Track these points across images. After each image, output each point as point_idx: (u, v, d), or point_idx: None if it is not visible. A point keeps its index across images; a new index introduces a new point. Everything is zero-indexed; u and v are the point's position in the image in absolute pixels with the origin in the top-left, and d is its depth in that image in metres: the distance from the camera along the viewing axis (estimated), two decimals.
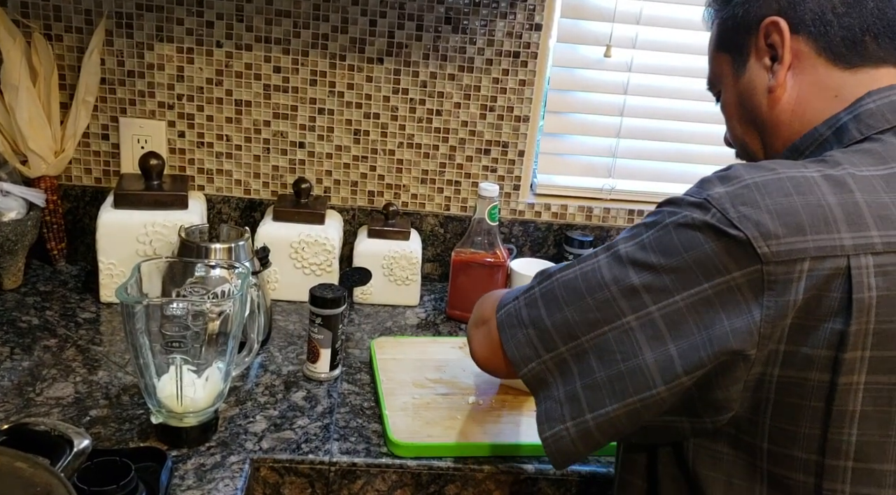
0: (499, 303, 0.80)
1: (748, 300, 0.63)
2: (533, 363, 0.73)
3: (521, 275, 1.27)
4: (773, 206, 0.63)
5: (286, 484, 0.91)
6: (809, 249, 0.62)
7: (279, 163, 1.36)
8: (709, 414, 0.67)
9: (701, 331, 0.64)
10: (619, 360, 0.67)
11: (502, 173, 1.39)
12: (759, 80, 0.77)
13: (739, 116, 0.81)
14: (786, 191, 0.64)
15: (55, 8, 1.25)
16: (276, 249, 1.22)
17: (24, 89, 1.17)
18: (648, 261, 0.67)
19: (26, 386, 0.98)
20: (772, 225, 0.63)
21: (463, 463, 0.92)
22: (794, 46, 0.74)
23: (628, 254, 0.69)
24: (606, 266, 0.70)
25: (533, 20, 1.31)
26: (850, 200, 0.64)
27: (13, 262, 1.22)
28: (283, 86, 1.32)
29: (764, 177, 0.66)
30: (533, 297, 0.75)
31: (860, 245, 0.62)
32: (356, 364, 1.12)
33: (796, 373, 0.64)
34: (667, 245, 0.66)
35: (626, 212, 1.43)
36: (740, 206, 0.64)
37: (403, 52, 1.31)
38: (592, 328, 0.69)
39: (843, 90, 0.73)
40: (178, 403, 0.87)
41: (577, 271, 0.72)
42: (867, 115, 0.70)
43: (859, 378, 0.63)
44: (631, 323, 0.67)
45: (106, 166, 1.34)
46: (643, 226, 0.70)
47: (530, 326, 0.73)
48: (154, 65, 1.29)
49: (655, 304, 0.66)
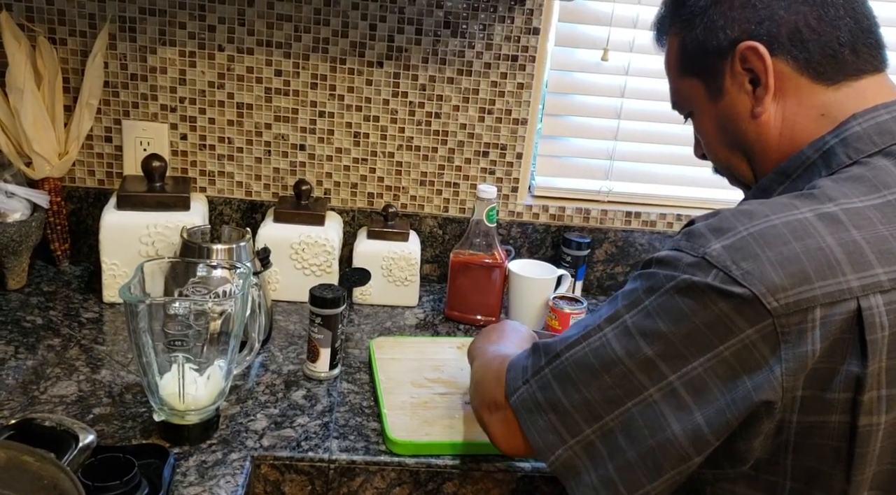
0: (506, 385, 0.76)
1: (766, 356, 0.61)
2: (559, 450, 0.70)
3: (519, 276, 1.28)
4: (775, 258, 0.61)
5: (286, 481, 0.92)
6: (818, 296, 0.60)
7: (280, 166, 1.38)
8: (731, 464, 0.66)
9: (725, 395, 0.62)
10: (647, 435, 0.65)
11: (500, 175, 1.41)
12: (740, 106, 0.75)
13: (722, 141, 0.79)
14: (784, 239, 0.62)
15: (59, 12, 1.27)
16: (276, 250, 1.23)
17: (28, 92, 1.18)
18: (658, 329, 0.65)
19: (31, 385, 0.99)
20: (777, 277, 0.61)
21: (461, 462, 0.93)
22: (775, 68, 0.72)
23: (636, 325, 0.66)
24: (615, 339, 0.67)
25: (531, 24, 1.33)
26: (849, 239, 0.62)
27: (17, 263, 1.23)
28: (284, 89, 1.34)
29: (759, 226, 0.64)
30: (546, 379, 0.71)
31: (867, 285, 0.61)
32: (355, 363, 1.14)
33: (816, 418, 0.63)
34: (673, 311, 0.64)
35: (623, 213, 1.44)
36: (742, 262, 0.62)
37: (403, 56, 1.33)
38: (615, 405, 0.67)
39: (828, 109, 0.72)
40: (181, 401, 0.88)
41: (585, 348, 0.69)
42: (854, 138, 0.69)
43: (879, 419, 0.62)
44: (654, 395, 0.65)
45: (109, 168, 1.36)
46: (642, 292, 0.67)
47: (550, 411, 0.70)
48: (157, 68, 1.31)
49: (675, 373, 0.64)
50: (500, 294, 1.29)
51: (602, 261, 1.46)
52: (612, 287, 1.47)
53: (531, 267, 1.32)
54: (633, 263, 1.46)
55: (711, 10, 0.75)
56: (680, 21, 0.79)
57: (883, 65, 0.74)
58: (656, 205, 1.46)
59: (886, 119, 0.70)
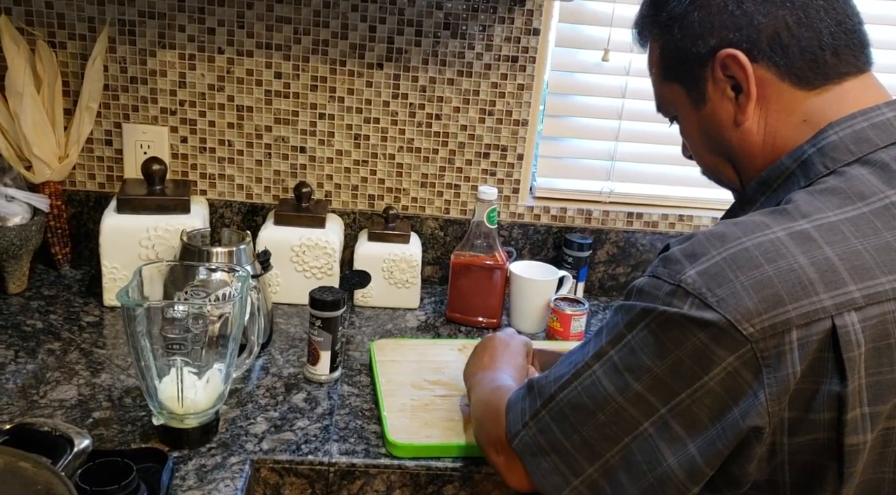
0: (507, 428, 0.77)
1: (749, 382, 0.62)
2: (565, 490, 0.71)
3: (520, 277, 1.27)
4: (749, 282, 0.62)
5: (286, 484, 0.92)
6: (793, 319, 0.61)
7: (280, 168, 1.38)
8: (728, 488, 0.67)
9: (715, 424, 0.63)
10: (646, 470, 0.66)
11: (501, 176, 1.40)
12: (723, 113, 0.74)
13: (707, 147, 0.79)
14: (756, 263, 0.62)
15: (59, 16, 1.27)
16: (277, 253, 1.23)
17: (28, 96, 1.18)
18: (643, 364, 0.66)
19: (30, 389, 0.99)
20: (750, 303, 0.61)
21: (461, 464, 0.93)
22: (756, 75, 0.71)
23: (622, 361, 0.67)
24: (605, 377, 0.68)
25: (531, 25, 1.32)
26: (821, 257, 0.62)
27: (18, 267, 1.23)
28: (283, 91, 1.33)
29: (731, 250, 0.64)
30: (544, 422, 0.73)
31: (840, 303, 0.61)
32: (356, 366, 1.13)
33: (804, 437, 0.63)
34: (655, 345, 0.65)
35: (624, 214, 1.44)
36: (716, 289, 0.62)
37: (403, 58, 1.33)
38: (614, 442, 0.68)
39: (810, 115, 0.71)
40: (180, 405, 0.88)
41: (577, 388, 0.70)
42: (831, 148, 0.68)
43: (865, 436, 0.62)
44: (648, 429, 0.66)
45: (109, 171, 1.36)
46: (624, 326, 0.68)
47: (552, 453, 0.72)
48: (156, 71, 1.31)
49: (665, 406, 0.65)
50: (501, 295, 1.29)
51: (604, 262, 1.45)
52: (614, 288, 1.46)
53: (532, 268, 1.31)
54: (634, 264, 1.45)
55: (689, 16, 0.74)
56: (659, 26, 0.78)
57: (867, 65, 0.73)
58: (658, 206, 1.45)
59: (864, 126, 0.69)
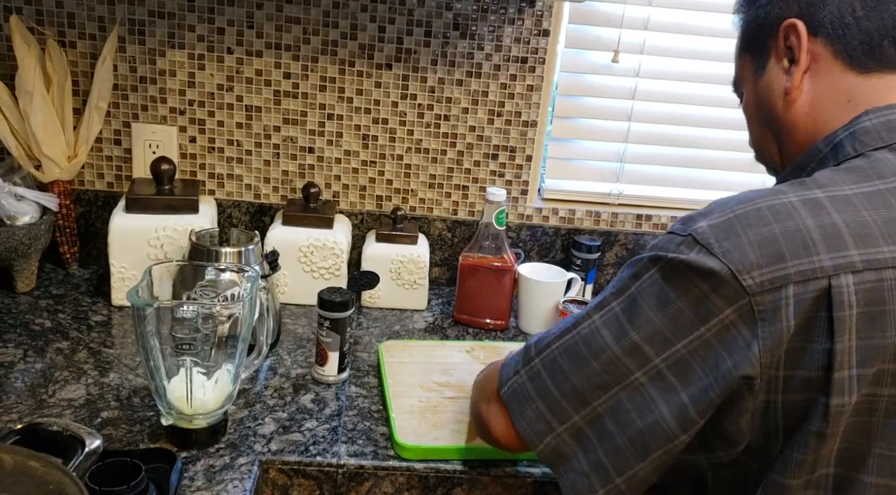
0: (499, 379, 0.78)
1: (744, 334, 0.63)
2: (548, 437, 0.72)
3: (528, 279, 1.27)
4: (755, 237, 0.64)
5: (294, 485, 0.92)
6: (791, 275, 0.62)
7: (289, 168, 1.38)
8: (723, 447, 0.68)
9: (708, 374, 0.65)
10: (635, 418, 0.67)
11: (510, 178, 1.40)
12: (776, 82, 0.77)
13: (758, 118, 0.81)
14: (765, 221, 0.65)
15: (69, 15, 1.27)
16: (285, 253, 1.23)
17: (38, 95, 1.18)
18: (644, 315, 0.67)
19: (39, 388, 0.99)
20: (754, 256, 0.63)
21: (470, 467, 0.93)
22: (811, 49, 0.74)
23: (623, 311, 0.69)
24: (604, 326, 0.69)
25: (541, 26, 1.32)
26: (828, 222, 0.64)
27: (26, 266, 1.23)
28: (292, 91, 1.33)
29: (744, 208, 0.66)
30: (535, 370, 0.74)
31: (839, 265, 0.63)
32: (364, 367, 1.13)
33: (796, 396, 0.64)
34: (657, 295, 0.67)
35: (633, 216, 1.43)
36: (724, 241, 0.64)
37: (412, 58, 1.32)
38: (603, 391, 0.69)
39: (856, 95, 0.72)
40: (188, 405, 0.88)
41: (575, 336, 0.71)
42: (862, 132, 0.70)
43: (850, 398, 0.63)
44: (640, 378, 0.67)
45: (118, 171, 1.36)
46: (628, 278, 0.69)
47: (538, 399, 0.72)
48: (166, 71, 1.31)
49: (659, 356, 0.66)
50: (509, 297, 1.29)
51: (612, 264, 1.45)
52: None
53: (541, 270, 1.31)
54: None
55: None
56: (747, 2, 0.82)
57: None
58: (667, 208, 1.45)
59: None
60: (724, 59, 1.38)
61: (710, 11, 1.36)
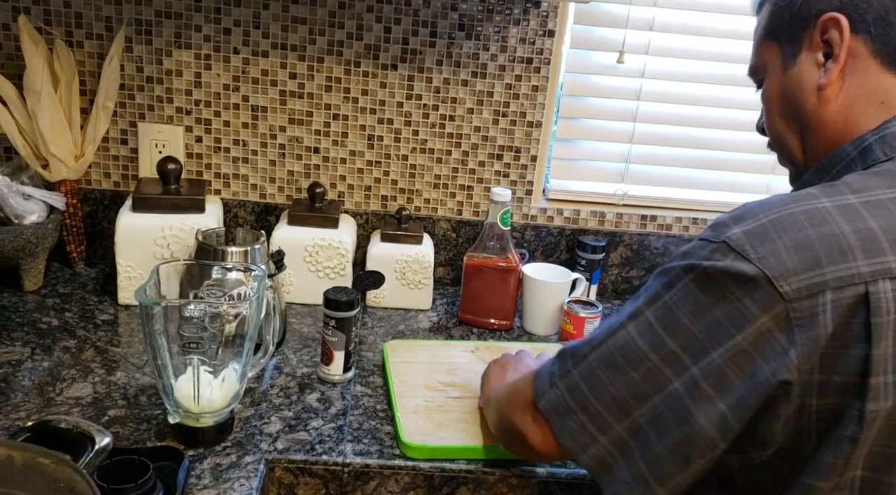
0: (535, 391, 0.77)
1: (781, 342, 0.63)
2: (591, 448, 0.72)
3: (533, 279, 1.27)
4: (791, 243, 0.63)
5: (300, 484, 0.92)
6: (828, 281, 0.62)
7: (294, 168, 1.38)
8: (754, 449, 0.67)
9: (745, 383, 0.64)
10: (674, 428, 0.67)
11: (515, 178, 1.40)
12: (808, 76, 0.75)
13: (781, 110, 0.79)
14: (800, 226, 0.64)
15: (76, 15, 1.28)
16: (290, 253, 1.23)
17: (45, 95, 1.19)
18: (680, 322, 0.67)
19: (46, 386, 1.00)
20: (790, 262, 0.63)
21: (475, 466, 0.93)
22: (851, 45, 0.72)
23: (658, 320, 0.68)
24: (639, 336, 0.69)
25: (546, 26, 1.32)
26: (864, 227, 0.64)
27: (34, 264, 1.24)
28: (298, 92, 1.34)
29: (778, 213, 0.66)
30: (573, 381, 0.73)
31: (877, 271, 0.62)
32: (369, 366, 1.14)
33: (830, 400, 0.64)
34: (693, 303, 0.66)
35: (638, 217, 1.43)
36: (759, 247, 0.64)
37: (417, 59, 1.33)
38: (643, 401, 0.68)
39: (890, 97, 0.72)
40: (195, 404, 0.89)
41: (610, 347, 0.71)
42: (892, 137, 0.70)
43: (885, 404, 0.63)
44: (678, 388, 0.67)
45: (125, 170, 1.37)
46: (662, 286, 0.69)
47: (580, 412, 0.72)
48: (172, 71, 1.31)
49: (696, 365, 0.66)
50: (514, 297, 1.29)
51: (617, 264, 1.45)
52: (628, 290, 1.46)
53: (545, 270, 1.31)
54: (648, 267, 1.45)
55: None
56: None
57: None
58: (672, 209, 1.45)
59: None
60: (729, 60, 1.38)
61: (715, 12, 1.36)
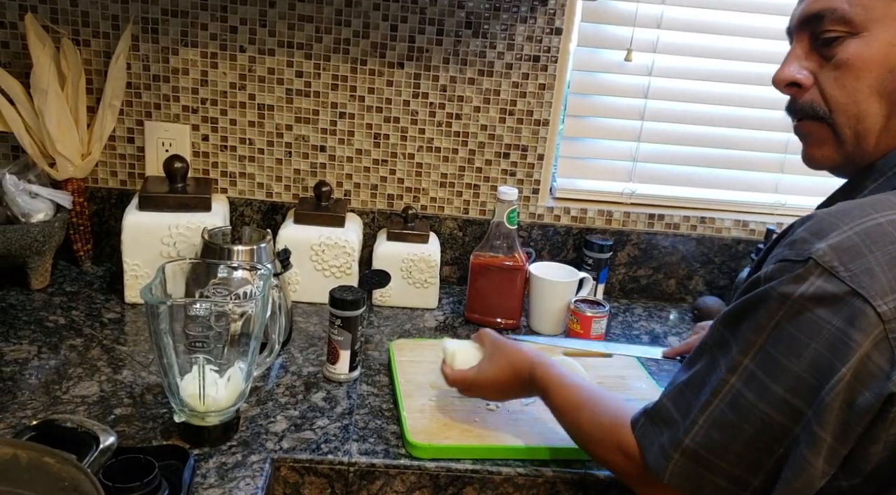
0: (652, 467, 0.73)
1: (882, 366, 0.60)
2: None
3: (540, 279, 1.27)
4: (884, 258, 0.60)
5: (306, 483, 0.92)
6: None
7: (300, 167, 1.38)
8: (847, 476, 0.65)
9: (850, 414, 0.62)
10: (790, 478, 0.64)
11: (521, 177, 1.39)
12: None
13: (881, 82, 0.68)
14: (892, 238, 0.60)
15: (83, 14, 1.28)
16: (296, 251, 1.23)
17: (52, 93, 1.19)
18: (781, 364, 0.64)
19: (53, 385, 1.00)
20: (885, 279, 0.59)
21: (481, 466, 0.92)
22: None
23: (759, 367, 0.66)
24: (745, 388, 0.67)
25: (553, 24, 1.31)
26: None
27: (40, 263, 1.24)
28: (304, 90, 1.33)
29: (864, 224, 0.62)
30: (692, 450, 0.70)
31: None
32: (375, 365, 1.13)
33: None
34: (790, 341, 0.63)
35: (646, 216, 1.42)
36: (849, 263, 0.60)
37: (424, 57, 1.32)
38: (769, 452, 0.66)
39: None
40: (201, 402, 0.88)
41: (719, 405, 0.68)
42: None
43: None
44: (795, 431, 0.65)
45: (131, 169, 1.37)
46: (753, 332, 0.66)
47: (715, 476, 0.69)
48: (179, 69, 1.31)
49: (809, 407, 0.63)
50: (520, 297, 1.28)
51: (624, 263, 1.44)
52: (635, 290, 1.45)
53: (552, 269, 1.31)
54: (655, 266, 1.44)
55: None
56: None
57: None
58: (680, 208, 1.44)
59: None
60: (737, 57, 1.37)
61: (722, 9, 1.35)
